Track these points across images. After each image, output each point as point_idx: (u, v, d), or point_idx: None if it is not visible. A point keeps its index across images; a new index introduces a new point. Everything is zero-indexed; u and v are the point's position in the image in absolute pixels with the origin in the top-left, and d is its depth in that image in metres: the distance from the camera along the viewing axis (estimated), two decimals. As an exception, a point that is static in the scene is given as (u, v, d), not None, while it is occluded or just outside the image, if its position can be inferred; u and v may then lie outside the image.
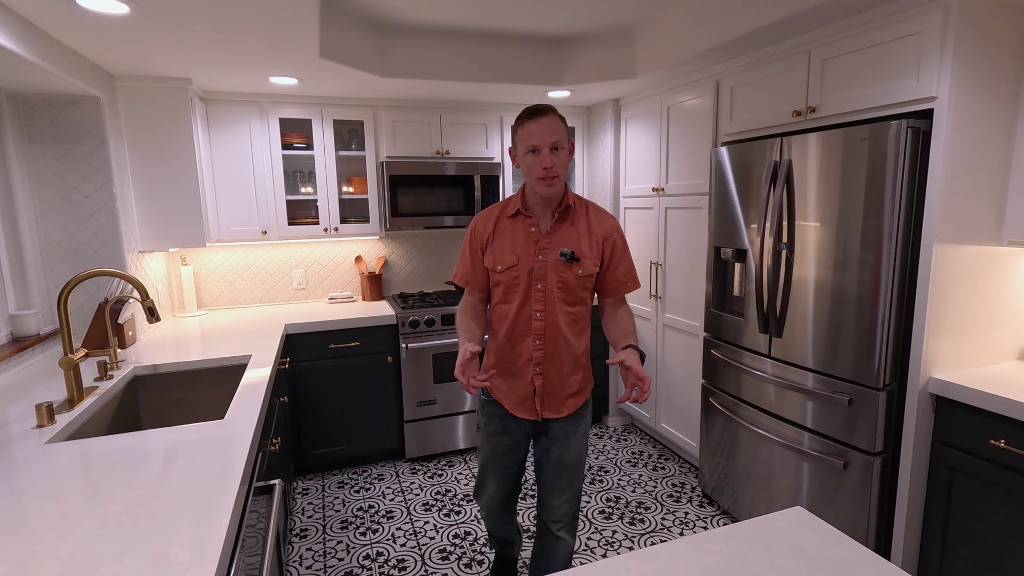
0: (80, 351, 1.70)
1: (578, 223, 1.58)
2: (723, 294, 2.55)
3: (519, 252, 1.56)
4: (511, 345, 1.62)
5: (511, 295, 1.58)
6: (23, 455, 1.31)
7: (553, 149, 1.47)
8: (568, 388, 1.64)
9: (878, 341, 1.85)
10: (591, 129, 3.63)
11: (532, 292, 1.56)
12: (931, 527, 1.83)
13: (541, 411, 1.65)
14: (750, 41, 2.19)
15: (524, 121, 1.50)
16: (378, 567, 2.28)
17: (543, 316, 1.57)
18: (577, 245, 1.55)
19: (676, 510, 2.65)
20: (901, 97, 1.78)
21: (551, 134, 1.46)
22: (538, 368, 1.60)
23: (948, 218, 1.74)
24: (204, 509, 1.05)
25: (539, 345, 1.58)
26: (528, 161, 1.50)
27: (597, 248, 1.57)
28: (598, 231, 1.58)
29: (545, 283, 1.55)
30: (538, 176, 1.48)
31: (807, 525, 1.02)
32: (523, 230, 1.57)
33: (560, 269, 1.54)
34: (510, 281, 1.57)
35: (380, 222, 3.31)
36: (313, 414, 2.95)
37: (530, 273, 1.55)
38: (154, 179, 2.66)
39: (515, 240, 1.57)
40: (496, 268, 1.58)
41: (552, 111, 1.49)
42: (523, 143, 1.50)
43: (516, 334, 1.60)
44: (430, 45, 2.68)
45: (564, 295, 1.56)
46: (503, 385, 1.67)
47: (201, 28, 1.98)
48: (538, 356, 1.59)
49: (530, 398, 1.63)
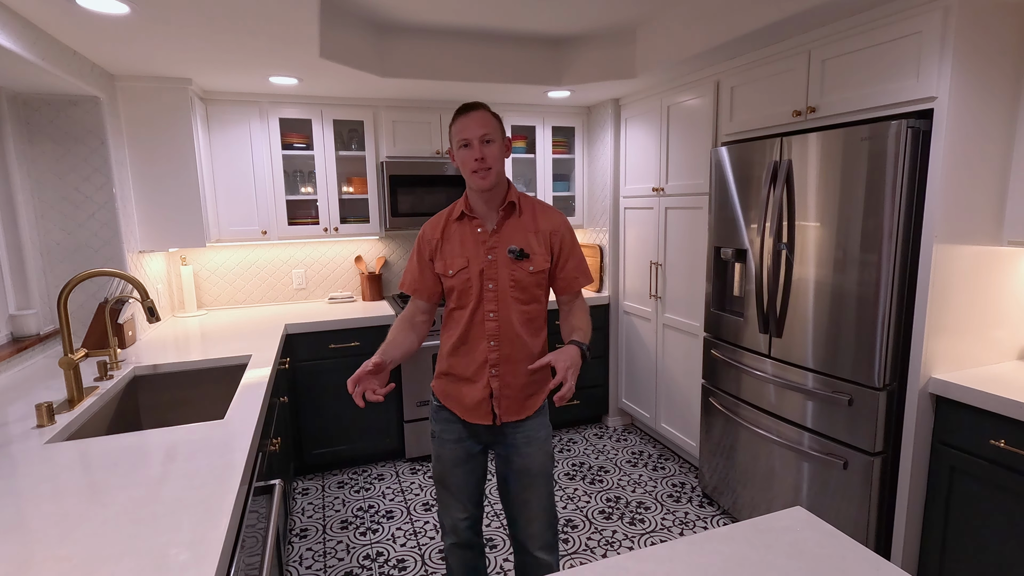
0: (80, 351, 1.70)
1: (524, 219, 1.56)
2: (723, 294, 2.55)
3: (468, 254, 1.54)
4: (466, 349, 1.58)
5: (464, 298, 1.55)
6: (23, 455, 1.31)
7: (485, 142, 1.46)
8: (527, 388, 1.60)
9: (878, 341, 1.85)
10: (591, 129, 3.63)
11: (484, 293, 1.54)
12: (931, 527, 1.83)
13: (500, 415, 1.59)
14: (750, 41, 2.19)
15: (455, 118, 1.51)
16: (378, 567, 2.28)
17: (497, 316, 1.54)
18: (526, 241, 1.54)
19: (676, 510, 2.65)
20: (901, 97, 1.78)
21: (480, 127, 1.46)
22: (494, 370, 1.56)
23: (948, 218, 1.74)
24: (204, 509, 1.05)
25: (494, 347, 1.55)
26: (461, 156, 1.50)
27: (545, 244, 1.56)
28: (545, 227, 1.57)
29: (497, 282, 1.53)
30: (471, 169, 1.48)
31: (807, 525, 1.02)
32: (470, 232, 1.56)
33: (511, 267, 1.53)
34: (462, 284, 1.55)
35: (380, 222, 3.31)
36: (313, 414, 2.95)
37: (481, 274, 1.53)
38: (154, 179, 2.66)
39: (463, 243, 1.56)
40: (447, 273, 1.56)
41: (483, 107, 1.50)
42: (455, 138, 1.50)
43: (471, 337, 1.57)
44: (430, 45, 2.68)
45: (517, 293, 1.54)
46: (455, 391, 1.62)
47: (201, 28, 1.98)
48: (494, 358, 1.56)
49: (486, 402, 1.58)
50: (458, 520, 1.69)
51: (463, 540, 1.71)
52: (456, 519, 1.69)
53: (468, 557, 1.75)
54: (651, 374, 3.25)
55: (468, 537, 1.72)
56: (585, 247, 3.76)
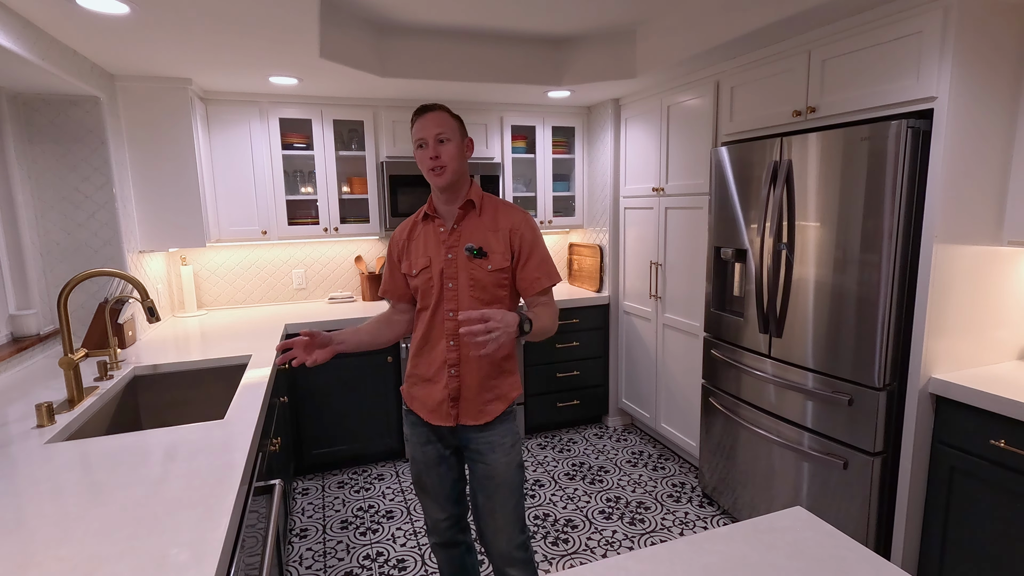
0: (80, 351, 1.70)
1: (484, 218, 1.56)
2: (723, 294, 2.55)
3: (431, 254, 1.56)
4: (428, 349, 1.58)
5: (427, 298, 1.56)
6: (23, 455, 1.31)
7: (439, 140, 1.48)
8: (486, 393, 1.56)
9: (878, 341, 1.85)
10: (591, 129, 3.63)
11: (445, 291, 1.54)
12: (931, 527, 1.83)
13: (457, 416, 1.57)
14: (750, 41, 2.19)
15: (413, 120, 1.54)
16: (378, 567, 2.28)
17: (456, 315, 1.53)
18: (484, 240, 1.53)
19: (676, 510, 2.65)
20: (901, 97, 1.78)
21: (435, 126, 1.48)
22: (453, 371, 1.55)
23: (948, 218, 1.74)
24: (204, 509, 1.05)
25: (453, 346, 1.54)
26: (418, 156, 1.52)
27: (505, 242, 1.54)
28: (504, 224, 1.55)
29: (456, 281, 1.53)
30: (427, 168, 1.50)
31: (807, 525, 1.02)
32: (432, 232, 1.58)
33: (469, 265, 1.52)
34: (424, 283, 1.56)
35: (380, 222, 3.30)
36: (313, 414, 2.95)
37: (441, 273, 1.53)
38: (154, 179, 2.66)
39: (427, 243, 1.57)
40: (412, 272, 1.58)
41: (439, 108, 1.51)
42: (413, 140, 1.53)
43: (432, 337, 1.57)
44: (430, 45, 2.68)
45: (477, 293, 1.52)
46: (419, 393, 1.62)
47: (201, 28, 1.98)
48: (452, 358, 1.54)
49: (445, 403, 1.56)
50: (438, 520, 1.70)
51: (445, 539, 1.73)
52: (436, 519, 1.70)
53: (453, 555, 1.76)
54: (651, 374, 3.25)
55: (451, 536, 1.73)
56: (585, 247, 3.76)
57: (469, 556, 1.81)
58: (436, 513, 1.70)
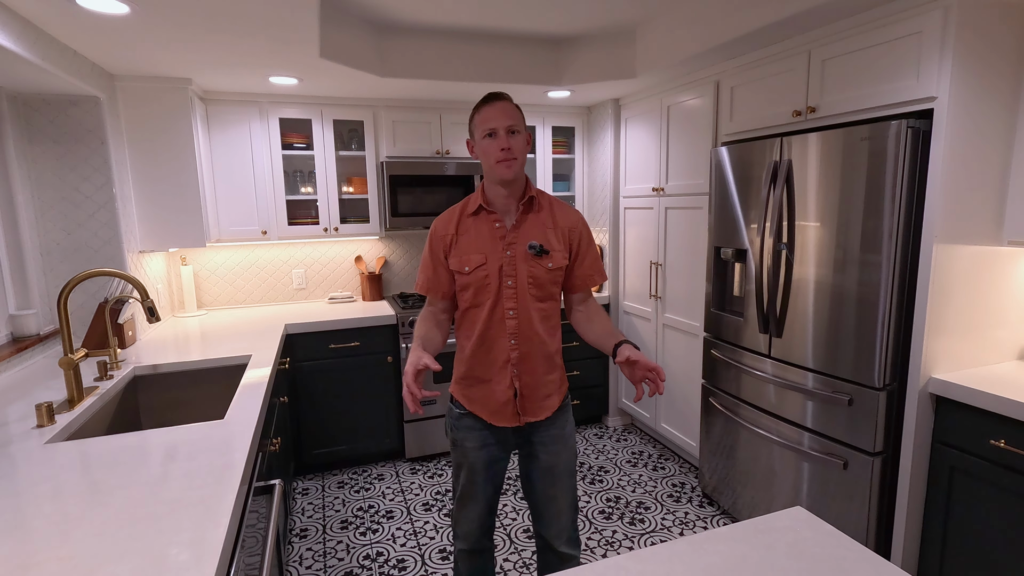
0: (80, 351, 1.70)
1: (543, 215, 1.53)
2: (723, 294, 2.55)
3: (486, 250, 1.49)
4: (485, 349, 1.54)
5: (482, 295, 1.51)
6: (23, 455, 1.31)
7: (510, 132, 1.43)
8: (544, 389, 1.57)
9: (878, 341, 1.85)
10: (591, 129, 3.63)
11: (503, 289, 1.49)
12: (931, 527, 1.83)
13: (523, 415, 1.57)
14: (750, 41, 2.19)
15: (480, 107, 1.47)
16: (378, 567, 2.28)
17: (516, 314, 1.50)
18: (545, 238, 1.51)
19: (676, 510, 2.65)
20: (901, 97, 1.78)
21: (507, 117, 1.43)
22: (515, 369, 1.53)
23: (948, 218, 1.74)
24: (204, 509, 1.05)
25: (514, 345, 1.51)
26: (485, 145, 1.45)
27: (564, 241, 1.53)
28: (564, 223, 1.54)
29: (516, 279, 1.49)
30: (496, 159, 1.43)
31: (807, 525, 1.02)
32: (487, 227, 1.51)
33: (529, 263, 1.49)
34: (480, 281, 1.50)
35: (380, 222, 3.31)
36: (313, 414, 2.95)
37: (500, 270, 1.49)
38: (154, 179, 2.66)
39: (480, 238, 1.51)
40: (463, 269, 1.50)
41: (508, 97, 1.47)
42: (480, 128, 1.46)
43: (490, 336, 1.52)
44: (430, 45, 2.68)
45: (535, 290, 1.50)
46: (478, 395, 1.57)
47: (201, 28, 1.98)
48: (515, 356, 1.52)
49: (510, 403, 1.54)
50: (474, 528, 1.66)
51: (476, 547, 1.69)
52: (471, 528, 1.66)
53: (479, 561, 1.73)
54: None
55: (482, 544, 1.70)
56: (585, 247, 3.76)
57: (491, 561, 1.78)
58: (475, 521, 1.65)
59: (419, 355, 1.32)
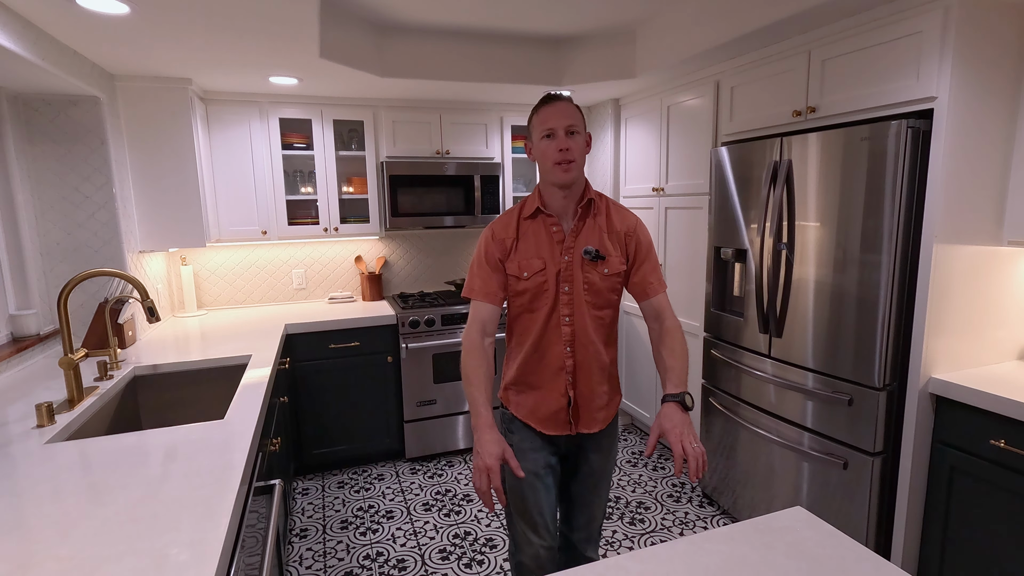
0: (80, 351, 1.70)
1: (599, 219, 1.47)
2: (723, 294, 2.55)
3: (544, 255, 1.45)
4: (539, 356, 1.49)
5: (538, 301, 1.46)
6: (23, 455, 1.31)
7: (569, 133, 1.38)
8: (598, 400, 1.52)
9: (878, 341, 1.85)
10: (591, 129, 3.63)
11: (560, 296, 1.45)
12: (931, 527, 1.83)
13: (576, 425, 1.51)
14: (750, 41, 2.19)
15: (538, 108, 1.42)
16: (378, 567, 2.28)
17: (571, 321, 1.46)
18: (601, 242, 1.45)
19: (676, 510, 2.65)
20: (901, 97, 1.78)
21: (566, 117, 1.38)
22: (570, 377, 1.48)
23: (948, 218, 1.74)
24: (204, 509, 1.05)
25: (569, 352, 1.47)
26: (543, 147, 1.40)
27: (621, 245, 1.47)
28: (620, 227, 1.48)
29: (572, 285, 1.44)
30: (554, 160, 1.38)
31: (807, 525, 1.02)
32: (545, 231, 1.46)
33: (585, 269, 1.44)
34: (538, 287, 1.45)
35: (380, 222, 3.31)
36: (313, 414, 2.95)
37: (557, 276, 1.44)
38: (154, 179, 2.66)
39: (538, 242, 1.46)
40: (522, 275, 1.45)
41: (568, 99, 1.42)
42: (538, 128, 1.41)
43: (545, 343, 1.48)
44: (430, 45, 2.68)
45: (591, 297, 1.45)
46: (528, 401, 1.52)
47: (201, 28, 1.98)
48: (569, 364, 1.47)
49: (563, 411, 1.49)
50: (541, 549, 1.51)
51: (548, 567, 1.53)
52: (539, 548, 1.51)
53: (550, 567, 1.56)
54: (651, 374, 3.25)
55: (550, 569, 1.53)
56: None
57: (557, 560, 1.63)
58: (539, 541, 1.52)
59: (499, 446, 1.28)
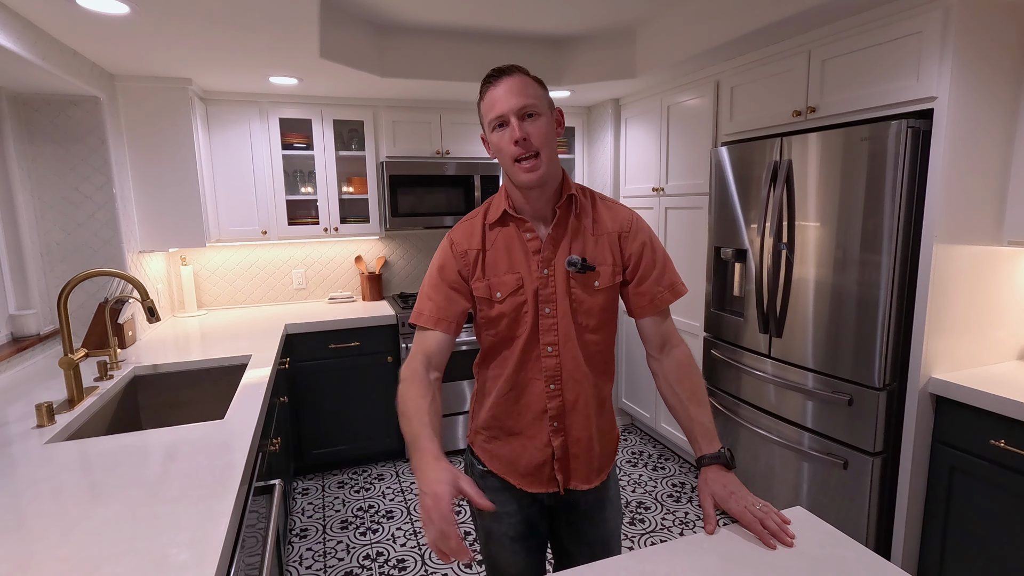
0: (80, 351, 1.70)
1: (585, 220, 1.16)
2: (723, 294, 2.55)
3: (520, 269, 1.13)
4: (515, 395, 1.18)
5: (516, 328, 1.15)
6: (23, 455, 1.31)
7: (525, 116, 1.05)
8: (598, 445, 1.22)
9: (878, 341, 1.85)
10: (591, 129, 3.63)
11: (541, 320, 1.14)
12: (931, 527, 1.83)
13: (564, 480, 1.20)
14: (750, 41, 2.19)
15: (482, 92, 1.09)
16: (378, 567, 2.28)
17: (556, 350, 1.15)
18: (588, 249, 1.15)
19: (676, 510, 2.65)
20: (901, 97, 1.78)
21: (517, 96, 1.04)
22: (555, 423, 1.17)
23: (948, 218, 1.74)
24: (204, 509, 1.05)
25: (554, 391, 1.16)
26: (496, 140, 1.08)
27: (615, 250, 1.16)
28: (612, 227, 1.16)
29: (555, 306, 1.13)
30: (510, 156, 1.06)
31: (807, 525, 1.02)
32: (517, 239, 1.15)
33: (571, 284, 1.14)
34: (515, 310, 1.13)
35: (380, 222, 3.31)
36: (313, 414, 2.95)
37: (535, 295, 1.13)
38: (154, 179, 2.66)
39: (511, 254, 1.14)
40: (495, 296, 1.14)
41: (518, 69, 1.07)
42: (485, 120, 1.09)
43: (521, 380, 1.17)
44: (430, 45, 2.68)
45: (582, 318, 1.15)
46: (503, 451, 1.21)
47: (201, 28, 1.98)
48: (553, 407, 1.16)
49: (546, 465, 1.19)
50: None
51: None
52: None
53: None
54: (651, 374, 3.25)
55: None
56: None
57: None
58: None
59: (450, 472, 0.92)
